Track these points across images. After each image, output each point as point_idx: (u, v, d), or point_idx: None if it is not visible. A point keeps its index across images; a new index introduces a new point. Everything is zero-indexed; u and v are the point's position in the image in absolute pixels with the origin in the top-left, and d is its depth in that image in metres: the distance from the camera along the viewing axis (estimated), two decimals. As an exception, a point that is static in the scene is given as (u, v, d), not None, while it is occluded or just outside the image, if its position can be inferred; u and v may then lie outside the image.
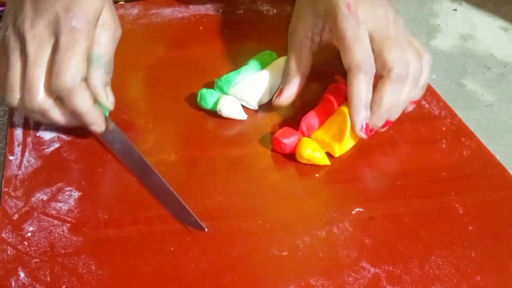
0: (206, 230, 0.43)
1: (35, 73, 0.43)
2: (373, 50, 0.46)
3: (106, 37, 0.46)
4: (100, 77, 0.47)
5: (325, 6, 0.48)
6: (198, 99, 0.52)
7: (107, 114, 0.49)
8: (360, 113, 0.46)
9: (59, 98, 0.45)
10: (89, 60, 0.45)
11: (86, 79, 0.45)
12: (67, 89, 0.43)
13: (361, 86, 0.45)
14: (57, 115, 0.46)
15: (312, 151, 0.47)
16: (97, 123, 0.47)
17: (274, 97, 0.52)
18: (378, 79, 0.46)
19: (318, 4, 0.49)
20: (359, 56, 0.45)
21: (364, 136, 0.47)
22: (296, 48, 0.51)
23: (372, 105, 0.46)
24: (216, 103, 0.51)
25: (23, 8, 0.44)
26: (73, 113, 0.46)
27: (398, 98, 0.47)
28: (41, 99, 0.44)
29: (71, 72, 0.43)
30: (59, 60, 0.43)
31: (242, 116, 0.52)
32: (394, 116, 0.48)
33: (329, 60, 0.54)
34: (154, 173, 0.46)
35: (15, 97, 0.44)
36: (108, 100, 0.48)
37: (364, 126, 0.46)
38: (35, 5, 0.44)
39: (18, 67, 0.44)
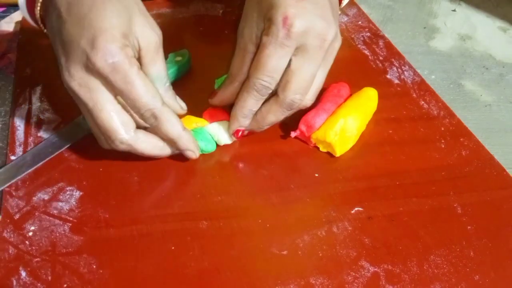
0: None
1: (103, 117, 0.41)
2: (289, 65, 0.44)
3: (151, 50, 0.44)
4: (168, 92, 0.46)
5: (266, 10, 0.44)
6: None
7: None
8: (237, 122, 0.47)
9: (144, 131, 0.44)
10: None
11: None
12: (152, 113, 0.42)
13: (248, 101, 0.46)
14: (144, 147, 0.44)
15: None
16: (190, 148, 0.45)
17: (210, 94, 0.50)
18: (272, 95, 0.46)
19: (263, 5, 0.45)
20: (265, 75, 0.44)
21: (234, 139, 0.49)
22: (240, 52, 0.47)
23: (257, 117, 0.47)
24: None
25: (57, 54, 0.42)
26: (167, 141, 0.45)
27: (277, 119, 0.47)
28: (122, 137, 0.42)
29: (147, 97, 0.41)
30: (127, 95, 0.41)
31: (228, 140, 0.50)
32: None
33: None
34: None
35: (102, 142, 0.44)
36: (183, 109, 0.48)
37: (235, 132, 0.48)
38: (65, 48, 0.41)
39: (88, 116, 0.43)
